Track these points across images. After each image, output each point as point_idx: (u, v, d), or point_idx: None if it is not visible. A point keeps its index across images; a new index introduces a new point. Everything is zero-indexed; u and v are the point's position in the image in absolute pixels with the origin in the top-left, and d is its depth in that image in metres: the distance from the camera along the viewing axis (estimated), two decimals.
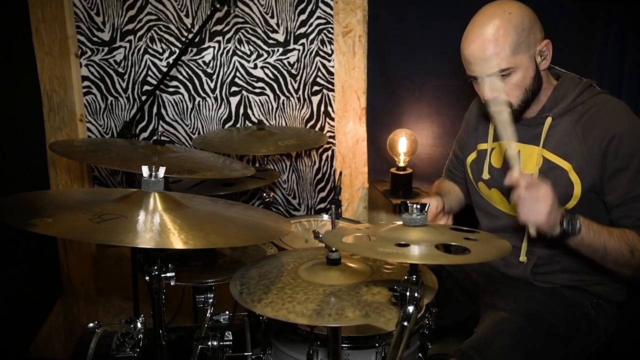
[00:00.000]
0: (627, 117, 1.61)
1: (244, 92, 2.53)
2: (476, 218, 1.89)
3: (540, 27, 1.60)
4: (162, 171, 1.28)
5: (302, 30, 2.49)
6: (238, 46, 2.49)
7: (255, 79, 2.52)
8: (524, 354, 1.56)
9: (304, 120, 2.58)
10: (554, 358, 1.61)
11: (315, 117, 2.58)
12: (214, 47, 2.48)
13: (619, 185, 1.56)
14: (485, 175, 1.78)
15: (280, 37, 2.49)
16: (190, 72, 2.50)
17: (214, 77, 2.51)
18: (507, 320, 1.62)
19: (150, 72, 2.49)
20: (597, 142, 1.56)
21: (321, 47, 2.51)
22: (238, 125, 2.56)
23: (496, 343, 1.55)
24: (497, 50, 1.54)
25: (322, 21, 2.48)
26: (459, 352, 1.53)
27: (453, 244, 1.18)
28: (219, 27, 2.47)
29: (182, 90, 2.51)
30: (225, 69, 2.50)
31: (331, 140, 2.59)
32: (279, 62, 2.51)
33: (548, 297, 1.67)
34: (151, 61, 2.48)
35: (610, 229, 1.54)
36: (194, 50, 2.47)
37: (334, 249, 1.31)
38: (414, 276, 1.10)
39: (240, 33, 2.48)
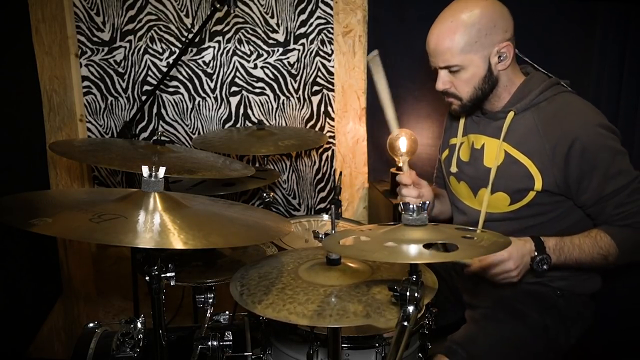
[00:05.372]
0: (589, 118, 1.62)
1: (244, 92, 2.53)
2: None
3: (504, 27, 1.62)
4: (162, 171, 1.28)
5: (302, 30, 2.49)
6: (238, 46, 2.49)
7: (255, 79, 2.52)
8: (507, 345, 1.60)
9: (304, 120, 2.58)
10: (537, 346, 1.64)
11: (315, 117, 2.58)
12: (214, 47, 2.48)
13: (590, 185, 1.59)
14: (453, 168, 1.84)
15: (280, 37, 2.49)
16: (190, 72, 2.50)
17: (214, 77, 2.51)
18: (486, 316, 1.68)
19: (150, 72, 2.49)
20: (559, 144, 1.58)
21: (321, 47, 2.51)
22: (238, 125, 2.56)
23: (480, 337, 1.61)
24: (449, 46, 1.61)
25: (322, 21, 2.48)
26: (443, 348, 1.58)
27: (442, 242, 1.18)
28: (219, 27, 2.47)
29: (182, 90, 2.51)
30: (225, 69, 2.50)
31: (331, 140, 2.59)
32: (279, 62, 2.51)
33: (517, 291, 1.73)
34: (151, 61, 2.48)
35: (582, 244, 1.59)
36: (194, 50, 2.47)
37: None
38: (414, 276, 1.10)
39: (240, 33, 2.48)
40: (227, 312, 1.62)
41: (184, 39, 2.44)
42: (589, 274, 1.75)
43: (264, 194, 2.29)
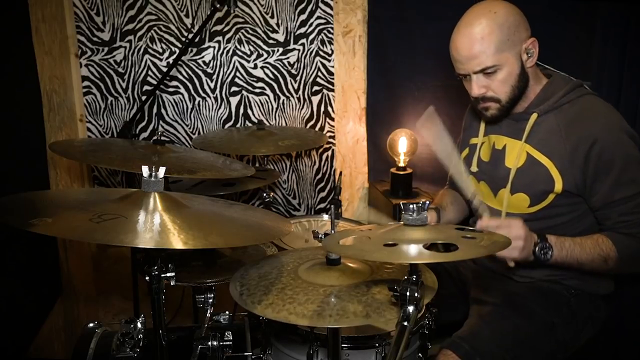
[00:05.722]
0: (612, 121, 1.63)
1: (244, 92, 2.53)
2: None
3: (526, 25, 1.65)
4: (162, 171, 1.28)
5: (302, 30, 2.49)
6: (238, 46, 2.49)
7: (255, 79, 2.52)
8: (511, 341, 1.60)
9: (304, 120, 2.58)
10: (543, 344, 1.64)
11: (315, 117, 2.58)
12: (214, 47, 2.48)
13: (601, 188, 1.60)
14: (474, 168, 1.83)
15: (280, 37, 2.49)
16: (190, 72, 2.50)
17: (214, 77, 2.51)
18: (493, 312, 1.67)
19: (150, 72, 2.48)
20: (580, 144, 1.59)
21: (321, 47, 2.51)
22: (238, 125, 2.56)
23: (484, 332, 1.60)
24: (482, 49, 1.60)
25: (322, 21, 2.48)
26: (449, 342, 1.57)
27: (442, 242, 1.18)
28: (219, 27, 2.47)
29: (182, 90, 2.51)
30: (225, 69, 2.50)
31: (331, 140, 2.59)
32: (279, 62, 2.51)
33: (528, 289, 1.73)
34: (151, 61, 2.48)
35: (583, 243, 1.60)
36: (194, 50, 2.47)
37: None
38: (414, 276, 1.10)
39: (240, 33, 2.48)
40: (227, 312, 1.62)
41: (184, 39, 2.44)
42: (600, 277, 1.74)
43: (264, 194, 2.29)
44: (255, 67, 2.51)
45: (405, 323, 1.07)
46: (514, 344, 1.60)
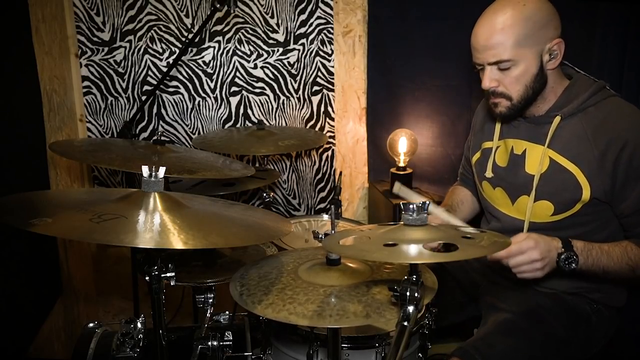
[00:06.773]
0: None
1: (244, 92, 2.53)
2: None
3: (555, 24, 1.57)
4: (162, 171, 1.28)
5: (302, 30, 2.49)
6: (238, 46, 2.49)
7: (255, 79, 2.52)
8: (524, 356, 1.55)
9: (304, 120, 2.58)
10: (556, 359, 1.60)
11: (315, 117, 2.58)
12: (214, 47, 2.48)
13: (631, 194, 1.54)
14: (489, 174, 1.76)
15: (280, 37, 2.49)
16: (190, 72, 2.50)
17: (214, 77, 2.51)
18: (509, 322, 1.61)
19: (150, 72, 2.48)
20: (609, 149, 1.52)
21: (321, 47, 2.50)
22: (238, 125, 2.56)
23: (498, 344, 1.55)
24: (501, 40, 1.52)
25: (322, 21, 2.48)
26: (460, 350, 1.52)
27: (442, 242, 1.18)
28: (219, 27, 2.47)
29: (182, 90, 2.51)
30: (225, 69, 2.50)
31: (331, 140, 2.59)
32: (279, 62, 2.51)
33: (549, 301, 1.66)
34: (151, 61, 2.48)
35: (611, 251, 1.53)
36: (194, 50, 2.47)
37: None
38: (414, 276, 1.10)
39: (240, 33, 2.48)
40: (227, 312, 1.62)
41: (184, 39, 2.44)
42: (621, 289, 1.70)
43: (264, 194, 2.29)
44: (255, 67, 2.51)
45: (405, 323, 1.07)
46: (527, 358, 1.55)
